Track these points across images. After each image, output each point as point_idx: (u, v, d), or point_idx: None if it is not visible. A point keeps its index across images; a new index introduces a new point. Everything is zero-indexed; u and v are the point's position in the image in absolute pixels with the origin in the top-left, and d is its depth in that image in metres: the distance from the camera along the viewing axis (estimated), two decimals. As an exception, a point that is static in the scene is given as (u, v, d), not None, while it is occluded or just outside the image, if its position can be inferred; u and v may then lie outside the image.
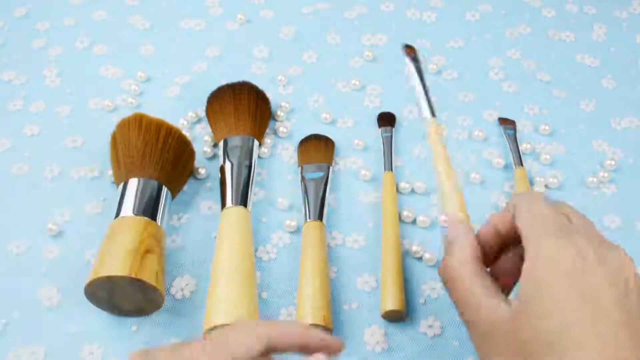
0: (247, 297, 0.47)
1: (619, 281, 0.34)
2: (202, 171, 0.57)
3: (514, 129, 0.60)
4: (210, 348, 0.34)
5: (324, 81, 0.65)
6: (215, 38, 0.68)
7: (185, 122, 0.61)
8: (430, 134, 0.46)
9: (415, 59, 0.48)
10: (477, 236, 0.41)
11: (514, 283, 0.41)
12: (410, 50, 0.49)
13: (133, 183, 0.51)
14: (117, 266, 0.45)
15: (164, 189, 0.52)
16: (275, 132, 0.61)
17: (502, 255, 0.42)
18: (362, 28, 0.69)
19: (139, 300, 0.47)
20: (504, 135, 0.60)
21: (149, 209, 0.50)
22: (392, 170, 0.57)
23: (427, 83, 0.48)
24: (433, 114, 0.47)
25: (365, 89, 0.64)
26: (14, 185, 0.57)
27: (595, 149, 0.60)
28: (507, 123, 0.61)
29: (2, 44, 0.68)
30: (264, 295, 0.51)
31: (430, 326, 0.49)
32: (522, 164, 0.57)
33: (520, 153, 0.58)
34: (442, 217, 0.43)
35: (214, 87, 0.60)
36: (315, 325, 0.46)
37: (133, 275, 0.45)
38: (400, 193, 0.56)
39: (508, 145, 0.59)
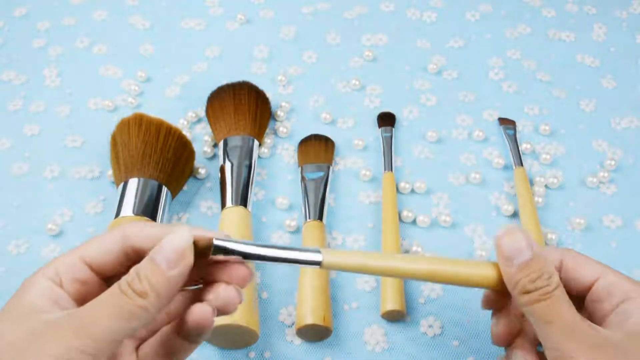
0: (247, 296, 0.47)
1: None
2: (202, 171, 0.57)
3: (514, 129, 0.60)
4: None
5: (324, 81, 0.65)
6: (215, 38, 0.68)
7: (185, 122, 0.61)
8: None
9: None
10: None
11: None
12: None
13: (133, 183, 0.51)
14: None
15: (164, 189, 0.52)
16: (275, 132, 0.61)
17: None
18: (362, 28, 0.69)
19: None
20: (504, 135, 0.60)
21: (149, 209, 0.50)
22: (392, 170, 0.57)
23: None
24: None
25: (365, 89, 0.64)
26: (14, 185, 0.57)
27: (595, 148, 0.60)
28: (507, 123, 0.61)
29: (2, 44, 0.68)
30: (264, 295, 0.51)
31: (430, 326, 0.49)
32: (522, 164, 0.57)
33: (520, 153, 0.58)
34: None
35: (214, 87, 0.60)
36: (315, 326, 0.46)
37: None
38: (400, 193, 0.56)
39: (508, 145, 0.59)
